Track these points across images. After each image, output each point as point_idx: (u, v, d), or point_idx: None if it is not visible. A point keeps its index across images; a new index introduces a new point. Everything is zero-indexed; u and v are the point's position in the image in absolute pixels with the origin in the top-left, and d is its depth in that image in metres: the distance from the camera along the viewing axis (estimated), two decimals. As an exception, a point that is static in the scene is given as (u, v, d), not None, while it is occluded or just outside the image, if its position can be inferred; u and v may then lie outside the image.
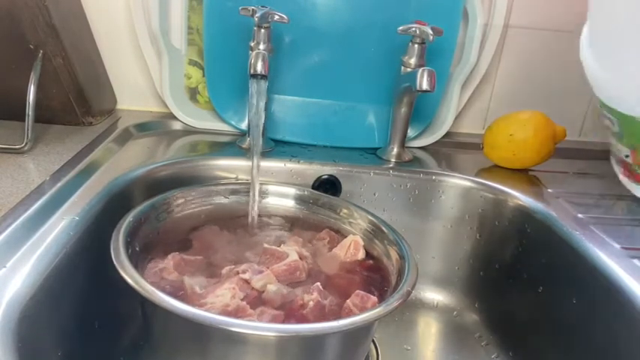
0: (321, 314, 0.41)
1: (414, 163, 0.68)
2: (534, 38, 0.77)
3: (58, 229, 0.42)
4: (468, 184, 0.64)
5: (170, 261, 0.45)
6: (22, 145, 0.56)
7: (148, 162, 0.59)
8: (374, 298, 0.42)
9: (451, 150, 0.75)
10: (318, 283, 0.44)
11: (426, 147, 0.75)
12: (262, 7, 0.59)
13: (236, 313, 0.39)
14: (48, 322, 0.38)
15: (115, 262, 0.39)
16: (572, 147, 0.81)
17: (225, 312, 0.39)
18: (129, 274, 0.37)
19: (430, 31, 0.59)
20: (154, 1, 0.67)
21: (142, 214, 0.47)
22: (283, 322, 0.40)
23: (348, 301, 0.42)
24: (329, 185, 0.64)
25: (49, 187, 0.49)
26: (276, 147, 0.68)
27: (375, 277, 0.48)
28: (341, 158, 0.65)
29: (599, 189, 0.65)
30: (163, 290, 0.40)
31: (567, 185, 0.66)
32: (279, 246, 0.49)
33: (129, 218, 0.45)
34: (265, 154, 0.65)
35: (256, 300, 0.42)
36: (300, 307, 0.41)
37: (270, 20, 0.60)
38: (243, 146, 0.67)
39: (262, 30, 0.60)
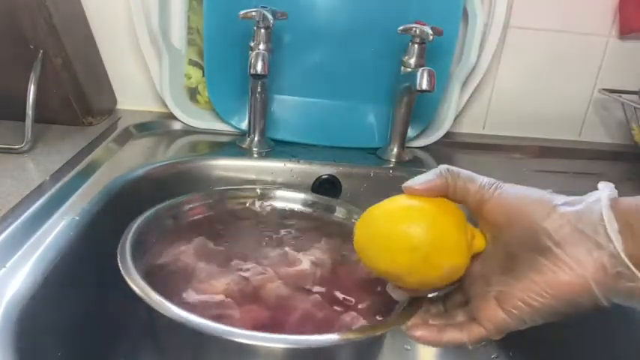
0: (308, 325, 0.40)
1: (414, 163, 0.68)
2: (534, 38, 0.77)
3: (58, 229, 0.42)
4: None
5: (192, 245, 0.45)
6: (22, 145, 0.56)
7: (147, 162, 0.59)
8: (362, 323, 0.40)
9: (451, 150, 0.75)
10: (317, 295, 0.43)
11: (426, 147, 0.75)
12: (262, 7, 0.59)
13: (218, 306, 0.39)
14: (48, 322, 0.38)
15: (119, 262, 0.39)
16: (572, 147, 0.81)
17: (206, 304, 0.39)
18: (133, 280, 0.37)
19: (430, 31, 0.59)
20: (154, 1, 0.67)
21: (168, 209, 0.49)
22: (265, 325, 0.39)
23: (342, 317, 0.40)
24: (329, 185, 0.63)
25: (49, 187, 0.49)
26: (276, 147, 0.68)
27: (389, 297, 0.44)
28: (341, 158, 0.65)
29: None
30: (172, 273, 0.42)
31: (567, 185, 0.66)
32: (300, 251, 0.48)
33: (168, 203, 0.47)
34: (265, 155, 0.65)
35: (250, 297, 0.42)
36: (289, 313, 0.40)
37: (270, 19, 0.60)
38: (243, 146, 0.67)
39: (262, 30, 0.60)
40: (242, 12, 0.59)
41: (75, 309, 0.43)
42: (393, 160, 0.67)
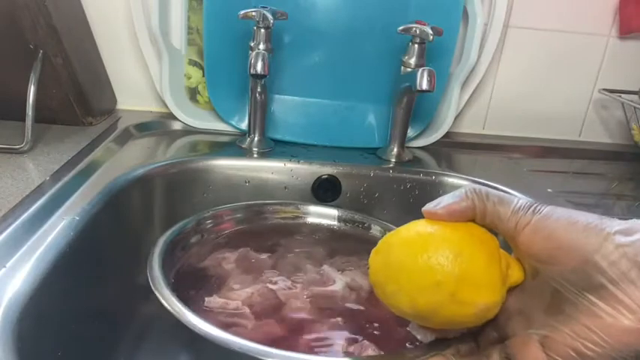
0: (313, 348, 0.38)
1: (414, 163, 0.68)
2: (534, 38, 0.77)
3: (58, 229, 0.42)
4: (467, 184, 0.64)
5: (235, 254, 0.46)
6: (22, 145, 0.56)
7: (147, 162, 0.59)
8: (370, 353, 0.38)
9: (451, 150, 0.75)
10: (339, 319, 0.41)
11: (426, 147, 0.74)
12: (262, 7, 0.59)
13: (232, 316, 0.39)
14: (48, 322, 0.38)
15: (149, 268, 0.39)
16: (572, 147, 0.81)
17: (223, 311, 0.39)
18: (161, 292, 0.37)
19: (430, 31, 0.59)
20: (154, 1, 0.67)
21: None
22: (274, 342, 0.38)
23: (350, 347, 0.39)
24: (329, 185, 0.63)
25: (49, 187, 0.49)
26: (276, 147, 0.68)
27: None
28: (341, 158, 0.65)
29: (599, 189, 0.65)
30: (208, 277, 0.43)
31: (567, 185, 0.66)
32: (339, 270, 0.47)
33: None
34: (265, 154, 0.65)
35: (270, 310, 0.41)
36: (303, 334, 0.39)
37: (270, 19, 0.60)
38: (243, 146, 0.67)
39: (262, 30, 0.60)
40: (242, 12, 0.59)
41: (75, 309, 0.43)
42: (393, 160, 0.67)
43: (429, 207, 0.30)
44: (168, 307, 0.35)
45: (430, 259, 0.28)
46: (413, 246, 0.29)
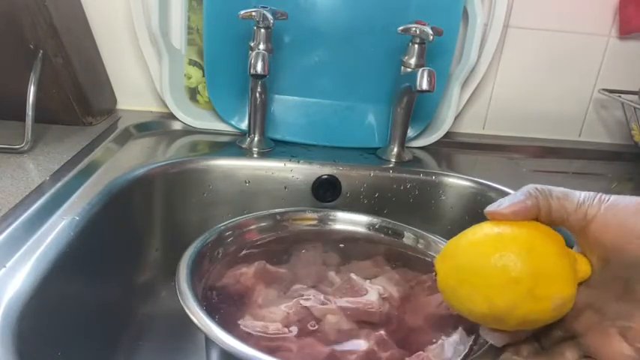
0: None
1: (414, 163, 0.68)
2: (534, 38, 0.77)
3: (58, 229, 0.42)
4: (467, 184, 0.64)
5: (253, 268, 0.44)
6: (22, 145, 0.56)
7: (147, 162, 0.59)
8: None
9: (451, 150, 0.75)
10: (383, 332, 0.39)
11: (426, 147, 0.74)
12: (262, 7, 0.59)
13: (274, 339, 0.38)
14: (48, 322, 0.38)
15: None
16: (572, 147, 0.81)
17: (263, 332, 0.38)
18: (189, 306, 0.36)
19: (430, 31, 0.59)
20: (154, 1, 0.67)
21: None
22: None
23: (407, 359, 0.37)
24: (329, 185, 0.63)
25: (49, 187, 0.49)
26: (276, 147, 0.68)
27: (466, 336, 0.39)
28: (341, 158, 0.65)
29: (599, 189, 0.65)
30: (231, 296, 0.42)
31: (567, 185, 0.66)
32: (369, 278, 0.46)
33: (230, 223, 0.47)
34: (265, 154, 0.65)
35: (309, 329, 0.39)
36: (350, 351, 0.38)
37: (270, 19, 0.60)
38: (243, 146, 0.67)
39: (262, 30, 0.60)
40: (242, 12, 0.59)
41: (75, 309, 0.43)
42: (393, 160, 0.67)
43: (492, 208, 0.30)
44: (210, 335, 0.34)
45: (503, 258, 0.28)
46: (483, 246, 0.29)
